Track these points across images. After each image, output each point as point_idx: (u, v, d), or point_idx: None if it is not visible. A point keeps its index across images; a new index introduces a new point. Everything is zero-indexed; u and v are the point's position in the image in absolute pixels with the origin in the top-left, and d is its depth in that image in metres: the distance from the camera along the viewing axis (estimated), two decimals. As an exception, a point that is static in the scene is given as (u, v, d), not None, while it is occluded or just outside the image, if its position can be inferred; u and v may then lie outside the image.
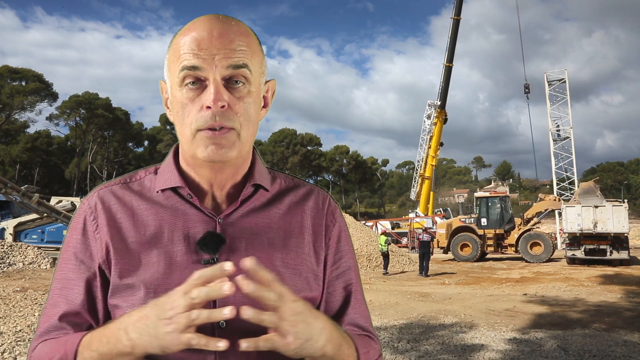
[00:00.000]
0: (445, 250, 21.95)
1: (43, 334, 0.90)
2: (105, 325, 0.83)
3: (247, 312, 0.74)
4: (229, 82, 0.86)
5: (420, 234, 17.65)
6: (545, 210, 22.22)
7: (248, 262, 0.74)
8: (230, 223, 0.92)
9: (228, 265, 0.73)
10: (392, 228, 35.68)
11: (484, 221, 21.82)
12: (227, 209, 0.93)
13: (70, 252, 0.93)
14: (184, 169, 0.95)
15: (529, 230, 20.88)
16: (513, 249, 21.07)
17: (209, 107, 0.83)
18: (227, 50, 0.85)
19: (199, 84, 0.85)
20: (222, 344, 0.72)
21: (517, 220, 21.84)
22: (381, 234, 19.83)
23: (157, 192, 0.94)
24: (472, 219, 22.89)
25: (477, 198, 23.60)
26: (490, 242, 21.50)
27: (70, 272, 0.91)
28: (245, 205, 0.94)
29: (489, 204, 22.14)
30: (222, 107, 0.83)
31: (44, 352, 0.87)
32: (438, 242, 22.60)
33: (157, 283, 0.87)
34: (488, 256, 22.06)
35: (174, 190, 0.94)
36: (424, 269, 15.81)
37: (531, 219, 21.69)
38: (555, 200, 23.06)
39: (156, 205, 0.93)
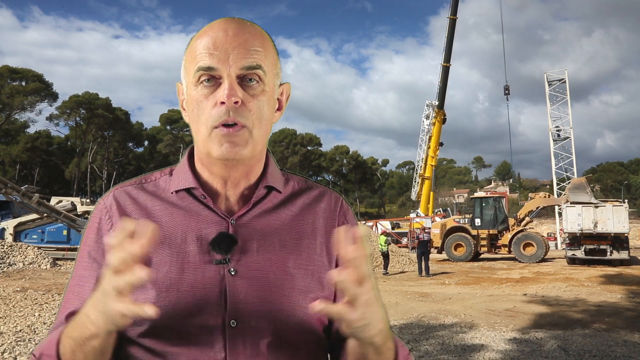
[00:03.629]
0: (439, 250, 22.08)
1: (53, 329, 0.92)
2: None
3: (319, 307, 0.73)
4: (243, 80, 0.87)
5: (419, 234, 17.65)
6: (537, 208, 22.35)
7: (358, 233, 0.73)
8: (243, 224, 0.93)
9: (128, 225, 0.70)
10: (392, 228, 35.73)
11: (477, 221, 21.98)
12: (240, 210, 0.94)
13: (85, 250, 0.95)
14: (198, 170, 0.96)
15: (521, 230, 21.08)
16: (507, 249, 21.23)
17: (222, 103, 0.85)
18: (241, 50, 0.86)
19: (214, 81, 0.87)
20: (150, 311, 0.69)
21: (511, 221, 21.99)
22: (381, 234, 19.84)
23: (172, 193, 0.96)
24: (466, 219, 23.05)
25: (472, 198, 23.84)
26: (483, 242, 21.71)
27: (84, 270, 0.93)
28: (257, 206, 0.95)
29: (483, 204, 22.30)
30: (236, 102, 0.85)
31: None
32: (432, 242, 22.77)
33: (169, 282, 0.88)
34: (482, 256, 22.22)
35: (188, 191, 0.95)
36: (424, 269, 15.81)
37: (524, 218, 21.87)
38: (545, 197, 23.28)
39: (170, 206, 0.94)
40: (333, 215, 1.01)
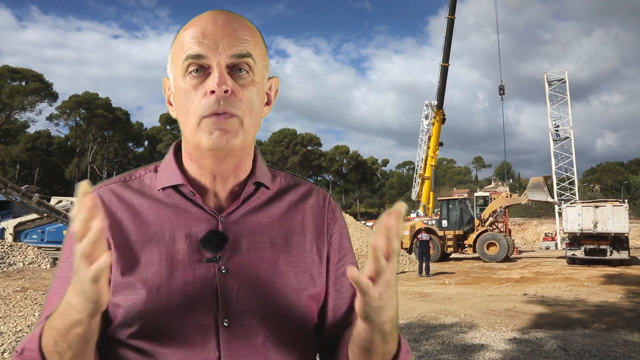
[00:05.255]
0: (409, 251, 22.47)
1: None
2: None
3: (353, 272, 0.74)
4: (233, 70, 0.86)
5: (419, 234, 17.66)
6: (500, 207, 22.84)
7: (397, 211, 0.73)
8: (233, 221, 0.91)
9: (83, 186, 0.68)
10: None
11: (444, 223, 22.72)
12: (229, 207, 0.92)
13: (68, 250, 0.91)
14: (186, 166, 0.94)
15: (485, 231, 21.77)
16: (472, 249, 21.90)
17: (212, 92, 0.83)
18: (231, 39, 0.85)
19: (203, 71, 0.85)
20: (104, 257, 0.67)
21: (477, 222, 22.65)
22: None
23: (159, 190, 0.93)
24: (434, 221, 23.67)
25: (439, 200, 24.93)
26: (450, 242, 22.41)
27: (68, 271, 0.89)
28: (247, 203, 0.94)
29: (450, 206, 23.13)
30: (226, 91, 0.83)
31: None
32: (402, 243, 23.07)
33: (159, 282, 0.86)
34: (452, 256, 22.95)
35: (176, 188, 0.93)
36: (424, 269, 15.82)
37: (488, 219, 22.40)
38: (507, 196, 24.19)
39: (157, 203, 0.92)
40: (322, 211, 1.00)
